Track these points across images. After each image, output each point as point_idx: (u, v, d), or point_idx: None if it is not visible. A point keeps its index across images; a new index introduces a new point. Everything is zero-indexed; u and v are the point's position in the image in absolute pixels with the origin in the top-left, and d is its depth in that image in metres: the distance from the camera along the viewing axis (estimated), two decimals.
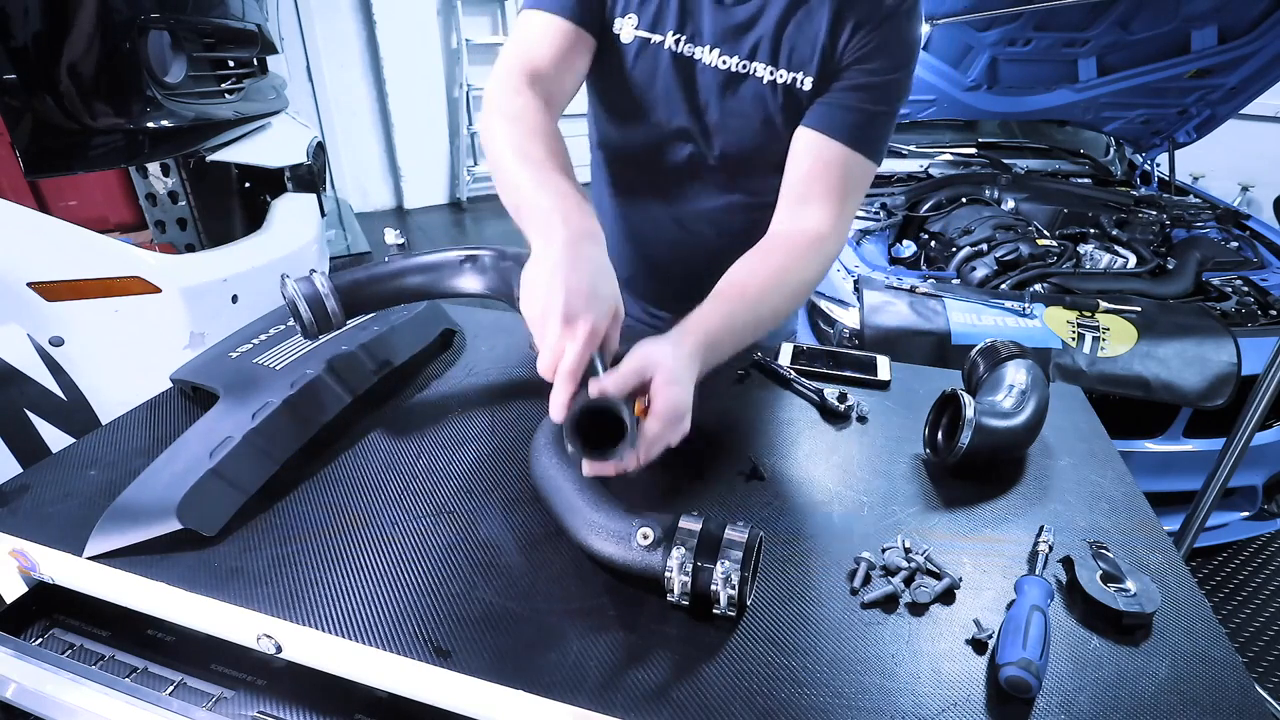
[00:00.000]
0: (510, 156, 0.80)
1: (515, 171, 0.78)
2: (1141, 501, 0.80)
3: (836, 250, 0.92)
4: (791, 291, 0.86)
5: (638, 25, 0.93)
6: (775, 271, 0.85)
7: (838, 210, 0.90)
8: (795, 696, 0.55)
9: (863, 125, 0.90)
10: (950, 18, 2.49)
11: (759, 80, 0.92)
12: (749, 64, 0.92)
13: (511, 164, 0.79)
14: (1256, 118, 4.00)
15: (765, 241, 0.90)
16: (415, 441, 0.83)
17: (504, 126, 0.84)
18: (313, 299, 0.80)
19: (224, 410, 0.79)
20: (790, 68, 0.91)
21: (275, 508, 0.72)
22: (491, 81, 0.91)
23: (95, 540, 0.64)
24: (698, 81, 0.94)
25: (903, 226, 2.62)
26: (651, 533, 0.60)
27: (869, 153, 0.91)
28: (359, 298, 0.84)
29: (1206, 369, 1.80)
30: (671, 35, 0.92)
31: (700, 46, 0.92)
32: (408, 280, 0.85)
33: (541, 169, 0.78)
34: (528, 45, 0.91)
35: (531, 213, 0.73)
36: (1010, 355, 0.91)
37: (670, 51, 0.93)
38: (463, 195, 5.84)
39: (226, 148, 2.10)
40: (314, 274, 0.81)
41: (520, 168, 0.78)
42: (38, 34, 1.49)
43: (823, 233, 0.89)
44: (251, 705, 0.62)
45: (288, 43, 4.67)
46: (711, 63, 0.92)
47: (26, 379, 1.51)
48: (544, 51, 0.90)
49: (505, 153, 0.81)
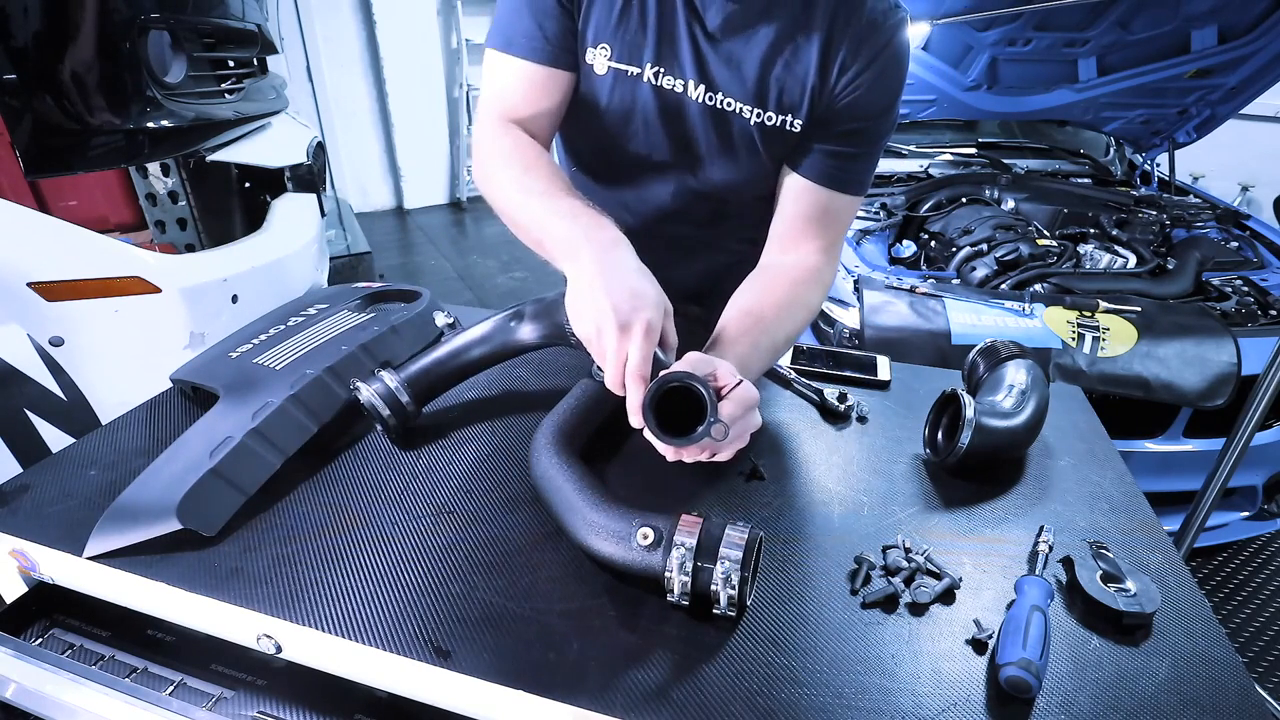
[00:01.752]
0: (515, 196, 0.80)
1: (524, 208, 0.79)
2: (1141, 501, 0.80)
3: (833, 276, 0.94)
4: (801, 319, 0.88)
5: (611, 57, 0.87)
6: (784, 299, 0.86)
7: (829, 244, 0.93)
8: (795, 696, 0.55)
9: (852, 169, 0.90)
10: (950, 18, 2.48)
11: (746, 120, 0.89)
12: (734, 103, 0.88)
13: (519, 202, 0.80)
14: (1256, 118, 4.01)
15: (763, 273, 0.91)
16: (415, 441, 0.83)
17: (499, 170, 0.84)
18: (387, 397, 0.79)
19: (224, 410, 0.79)
20: (779, 110, 0.88)
21: (275, 508, 0.72)
22: (475, 129, 0.92)
23: (95, 540, 0.64)
24: (683, 114, 0.90)
25: (903, 226, 2.62)
26: (651, 533, 0.60)
27: (857, 191, 0.92)
28: (427, 385, 0.84)
29: (1206, 369, 1.79)
30: (650, 68, 0.87)
31: (681, 79, 0.87)
32: (470, 354, 0.85)
33: (547, 197, 0.78)
34: (502, 95, 0.89)
35: (554, 243, 0.74)
36: (1010, 355, 0.91)
37: (650, 85, 0.88)
38: (463, 195, 5.85)
39: (226, 148, 2.10)
40: (382, 372, 0.80)
41: (528, 202, 0.79)
42: (38, 34, 1.49)
43: (819, 265, 0.92)
44: (251, 705, 0.62)
45: (288, 43, 4.67)
46: (696, 97, 0.88)
47: (26, 379, 1.51)
48: (519, 100, 0.89)
49: (509, 194, 0.81)
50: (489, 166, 0.86)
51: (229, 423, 0.76)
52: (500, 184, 0.83)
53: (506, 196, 0.81)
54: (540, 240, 0.77)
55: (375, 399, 0.79)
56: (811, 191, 0.90)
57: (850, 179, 0.90)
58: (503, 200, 0.82)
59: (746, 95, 0.87)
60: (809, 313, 0.89)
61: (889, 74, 0.85)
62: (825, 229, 0.92)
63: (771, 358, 0.84)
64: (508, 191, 0.81)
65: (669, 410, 0.64)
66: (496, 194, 0.83)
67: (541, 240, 0.76)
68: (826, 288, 0.92)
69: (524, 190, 0.80)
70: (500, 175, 0.83)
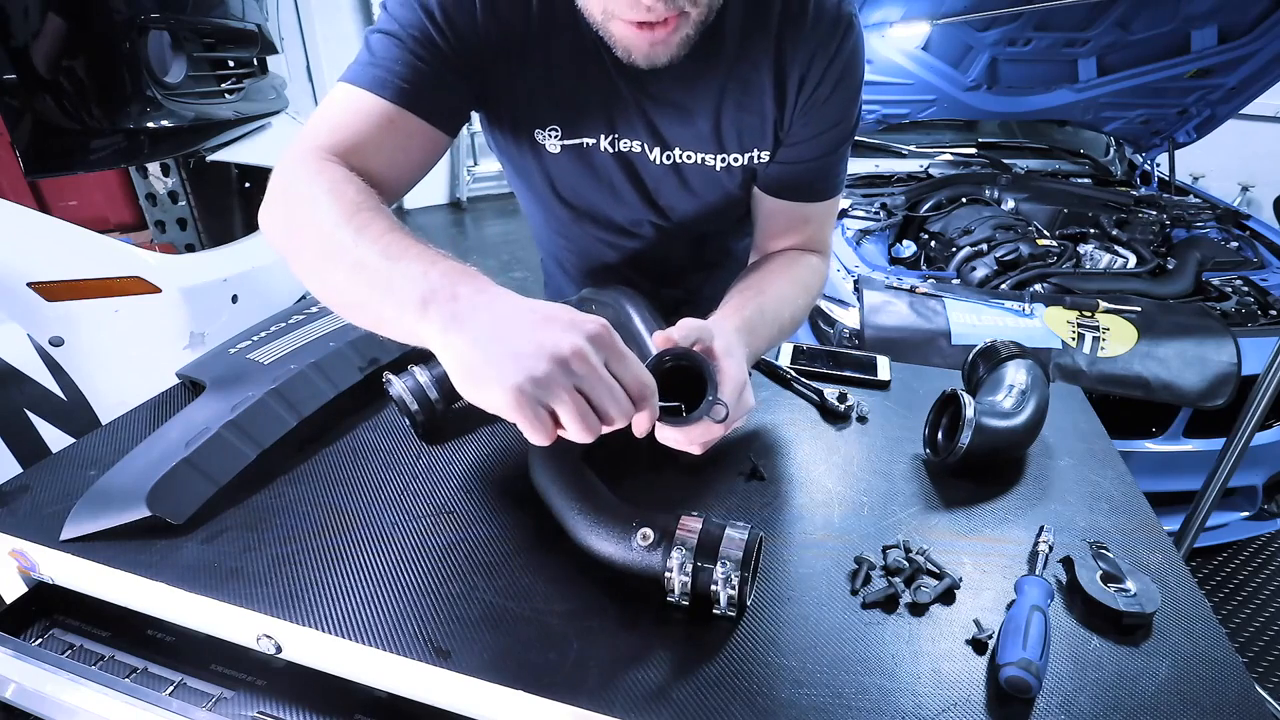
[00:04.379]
0: (338, 236, 0.59)
1: (352, 251, 0.57)
2: (1141, 501, 0.80)
3: (827, 265, 0.94)
4: (803, 302, 0.87)
5: (561, 136, 0.83)
6: (784, 277, 0.86)
7: (818, 240, 0.93)
8: (795, 696, 0.55)
9: (824, 175, 0.89)
10: (950, 18, 2.49)
11: (710, 167, 0.86)
12: (694, 154, 0.85)
13: (345, 245, 0.58)
14: (1256, 118, 4.00)
15: (758, 262, 0.91)
16: (415, 441, 0.83)
17: (318, 210, 0.62)
18: (417, 392, 0.79)
19: (206, 402, 0.80)
20: (742, 150, 0.85)
21: (275, 508, 0.72)
22: (280, 164, 0.69)
23: (70, 525, 0.65)
24: (643, 174, 0.87)
25: (903, 226, 2.62)
26: (651, 533, 0.60)
27: (833, 193, 0.91)
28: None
29: (1206, 369, 1.79)
30: (605, 139, 0.83)
31: (637, 141, 0.84)
32: None
33: (391, 247, 0.57)
34: (335, 127, 0.71)
35: (401, 287, 0.54)
36: (1010, 355, 0.91)
37: (608, 152, 0.84)
38: (462, 195, 5.84)
39: (226, 148, 2.10)
40: (414, 366, 0.80)
41: (358, 243, 0.57)
42: (38, 34, 1.49)
43: (810, 256, 0.92)
44: (251, 705, 0.62)
45: (288, 43, 4.67)
46: (655, 159, 0.85)
47: (26, 379, 1.52)
48: (350, 134, 0.70)
49: (331, 238, 0.59)
50: (298, 208, 0.65)
51: (207, 414, 0.77)
52: (316, 229, 0.62)
53: (326, 242, 0.60)
54: (365, 303, 0.58)
55: (405, 393, 0.79)
56: (787, 209, 0.90)
57: (824, 186, 0.90)
58: (318, 251, 0.61)
59: (704, 145, 0.84)
60: (809, 295, 0.89)
61: (849, 75, 0.81)
62: (808, 237, 0.92)
63: (777, 334, 0.82)
64: (329, 235, 0.60)
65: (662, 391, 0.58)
66: (307, 243, 0.62)
67: (371, 302, 0.57)
68: (822, 276, 0.92)
69: (354, 228, 0.59)
70: (317, 217, 0.62)
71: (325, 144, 0.70)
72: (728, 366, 0.63)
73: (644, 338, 0.80)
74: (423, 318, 0.52)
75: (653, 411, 0.54)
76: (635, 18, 0.65)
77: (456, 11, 0.73)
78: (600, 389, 0.51)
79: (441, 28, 0.73)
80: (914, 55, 2.68)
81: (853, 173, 2.87)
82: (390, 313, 0.55)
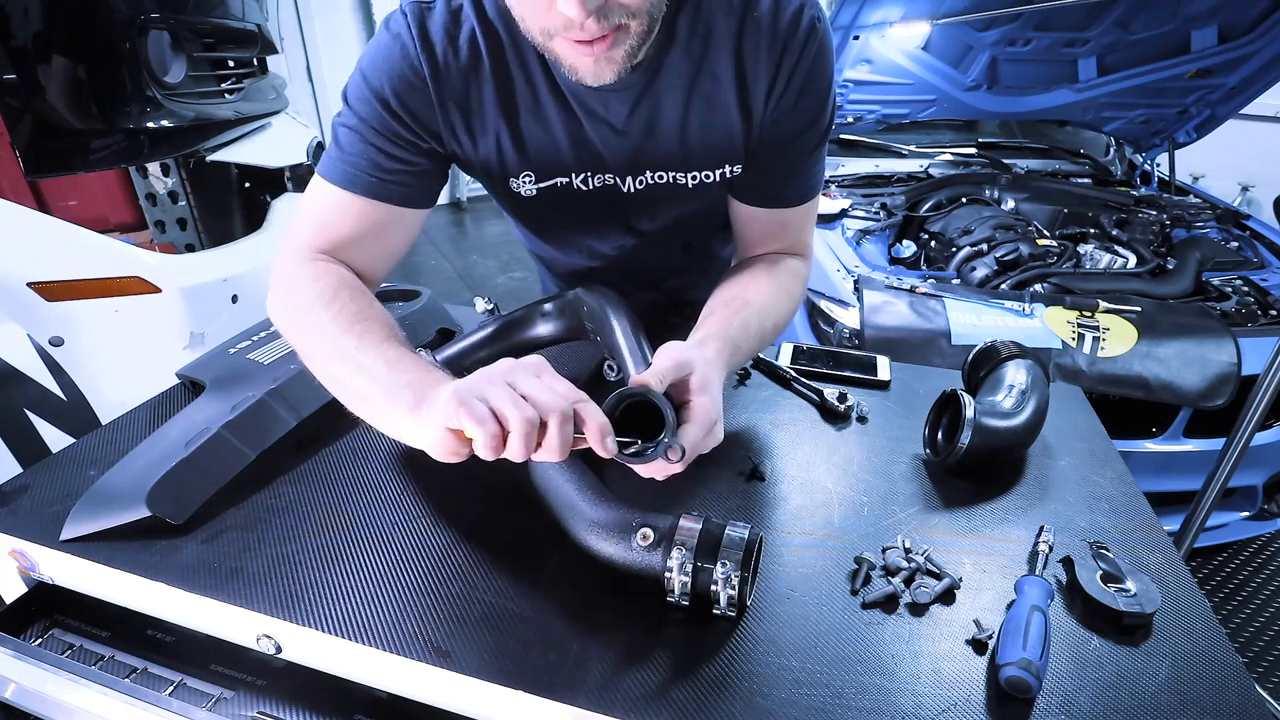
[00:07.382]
0: (341, 342, 0.68)
1: (355, 355, 0.67)
2: (1141, 501, 0.80)
3: (808, 267, 0.94)
4: (786, 309, 0.87)
5: (535, 181, 0.85)
6: (768, 285, 0.86)
7: (798, 244, 0.93)
8: (795, 696, 0.55)
9: (800, 180, 0.88)
10: (950, 18, 2.49)
11: (683, 184, 0.86)
12: (665, 174, 0.85)
13: (348, 350, 0.67)
14: (1256, 118, 4.00)
15: (740, 266, 0.91)
16: None
17: (312, 310, 0.71)
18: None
19: (206, 402, 0.80)
20: (713, 166, 0.85)
21: (275, 508, 0.72)
22: (278, 259, 0.79)
23: (70, 525, 0.66)
24: (620, 200, 0.88)
25: (903, 226, 2.62)
26: (651, 533, 0.60)
27: (810, 196, 0.90)
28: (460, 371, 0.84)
29: (1206, 369, 1.79)
30: (577, 177, 0.85)
31: (609, 174, 0.85)
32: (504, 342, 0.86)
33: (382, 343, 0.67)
34: (324, 227, 0.79)
35: (399, 394, 0.63)
36: (1010, 355, 0.91)
37: (580, 189, 0.86)
38: (462, 195, 5.84)
39: (226, 148, 2.10)
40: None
41: (360, 348, 0.67)
42: (38, 34, 1.49)
43: (791, 260, 0.91)
44: (251, 705, 0.62)
45: (288, 43, 4.67)
46: (628, 188, 0.86)
47: (26, 379, 1.51)
48: (334, 234, 0.79)
49: (334, 339, 0.69)
50: (293, 303, 0.74)
51: (207, 414, 0.77)
52: (320, 334, 0.70)
53: (331, 346, 0.69)
54: (364, 393, 0.66)
55: None
56: (765, 215, 0.89)
57: (800, 191, 0.89)
58: (325, 352, 0.70)
59: (674, 164, 0.84)
60: (792, 301, 0.88)
61: (815, 79, 0.79)
62: (789, 236, 0.92)
63: (759, 344, 0.82)
64: (334, 341, 0.69)
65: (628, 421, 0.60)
66: (315, 343, 0.71)
67: (366, 393, 0.66)
68: (804, 279, 0.92)
69: (350, 331, 0.69)
70: (321, 323, 0.71)
71: (314, 245, 0.78)
72: (700, 404, 0.62)
73: (622, 352, 0.81)
74: (414, 417, 0.61)
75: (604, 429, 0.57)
76: (573, 36, 0.65)
77: (409, 95, 0.76)
78: (531, 383, 0.57)
79: (398, 115, 0.76)
80: (914, 55, 2.68)
81: (853, 173, 2.87)
82: (388, 408, 0.64)
